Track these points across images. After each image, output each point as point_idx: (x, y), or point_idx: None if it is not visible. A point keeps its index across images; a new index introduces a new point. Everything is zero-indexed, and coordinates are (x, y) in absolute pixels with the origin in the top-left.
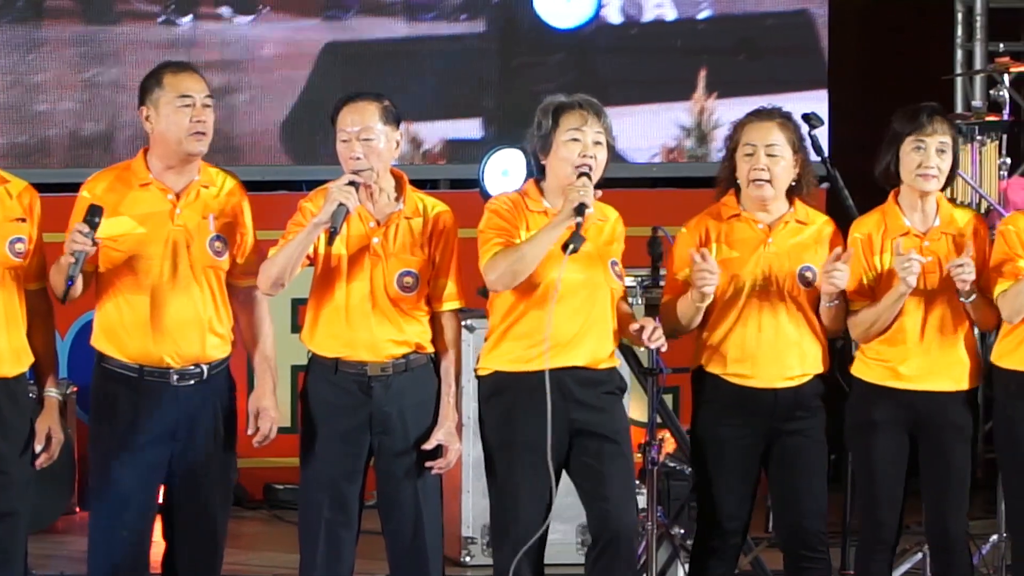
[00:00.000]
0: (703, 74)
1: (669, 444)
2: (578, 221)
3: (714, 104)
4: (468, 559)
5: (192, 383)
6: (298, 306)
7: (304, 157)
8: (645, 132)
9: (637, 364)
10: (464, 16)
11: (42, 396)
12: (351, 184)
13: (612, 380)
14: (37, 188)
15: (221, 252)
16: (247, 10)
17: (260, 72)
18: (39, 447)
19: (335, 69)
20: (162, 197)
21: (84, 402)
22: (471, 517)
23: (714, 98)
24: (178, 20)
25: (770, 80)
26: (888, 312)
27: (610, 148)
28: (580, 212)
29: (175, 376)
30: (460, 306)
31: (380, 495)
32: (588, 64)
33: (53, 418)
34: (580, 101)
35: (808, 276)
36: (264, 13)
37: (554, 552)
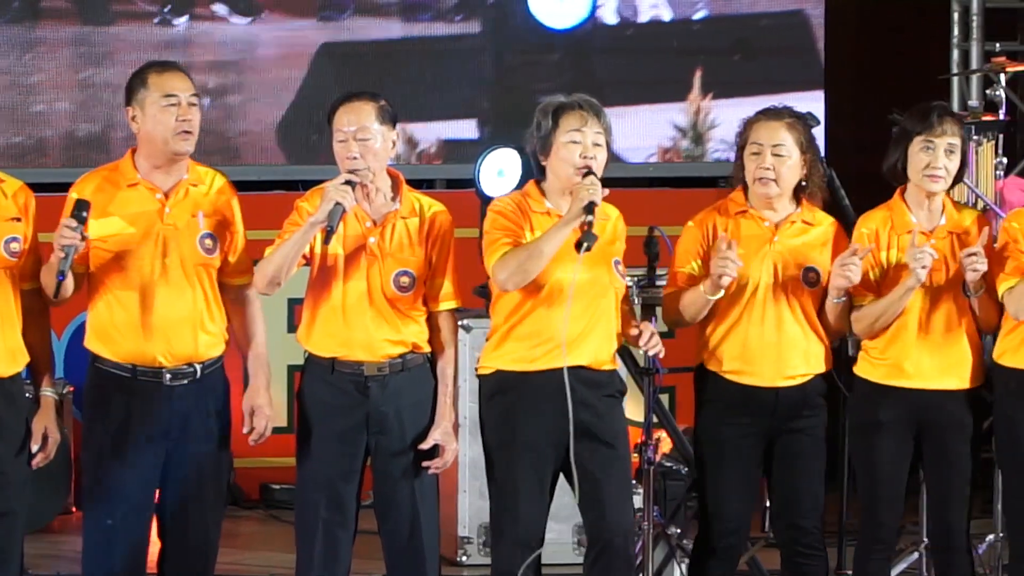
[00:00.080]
0: (699, 74)
1: (665, 444)
2: (589, 219)
3: (710, 104)
4: (464, 559)
5: (185, 382)
6: (294, 306)
7: (300, 157)
8: (641, 132)
9: (633, 364)
10: (460, 16)
11: (38, 396)
12: (348, 184)
13: (613, 383)
14: (33, 188)
15: (211, 250)
16: (243, 11)
17: (256, 72)
18: (35, 447)
19: (331, 69)
20: (151, 196)
21: (80, 402)
22: (467, 517)
23: (710, 98)
24: (174, 20)
25: (766, 80)
26: (894, 307)
27: (609, 148)
28: (590, 210)
29: (168, 376)
30: (457, 306)
31: (377, 495)
32: (584, 64)
33: (49, 418)
34: (580, 101)
35: (812, 277)
36: (260, 14)
37: (550, 552)
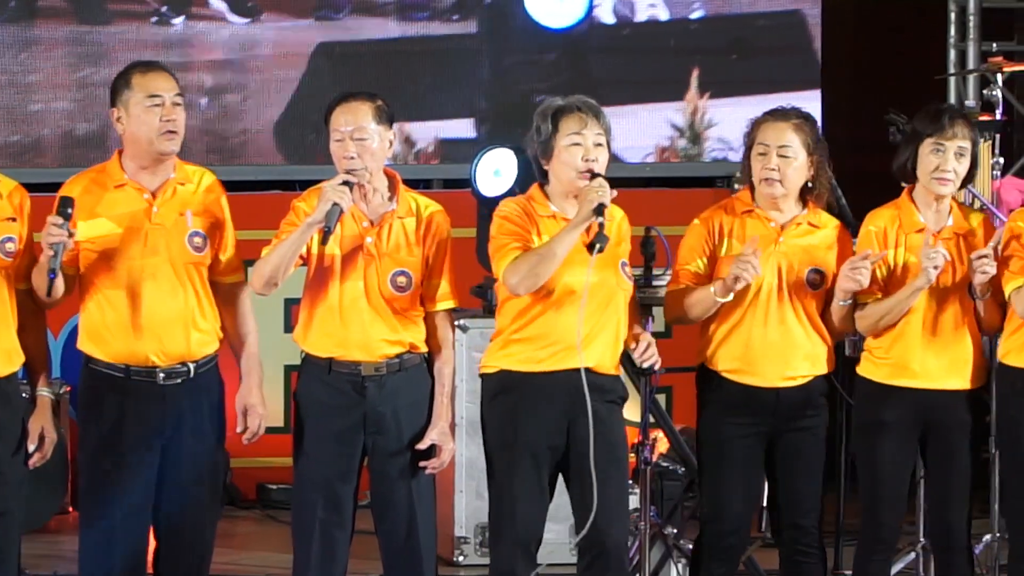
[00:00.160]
0: (696, 74)
1: (662, 444)
2: (600, 221)
3: (707, 104)
4: (461, 559)
5: (179, 382)
6: (291, 306)
7: (298, 157)
8: (638, 132)
9: (631, 364)
10: (456, 16)
11: (35, 396)
12: (345, 184)
13: (615, 389)
14: (30, 188)
15: (201, 248)
16: (240, 10)
17: (253, 72)
18: (32, 447)
19: (328, 69)
20: (138, 196)
21: (77, 402)
22: (464, 517)
23: (707, 98)
24: (171, 20)
25: (763, 80)
26: (901, 306)
27: (609, 147)
28: (600, 212)
29: (162, 375)
30: (453, 306)
31: (374, 495)
32: (581, 64)
33: (46, 417)
34: (578, 103)
35: (815, 279)
36: (257, 13)
37: (547, 552)
